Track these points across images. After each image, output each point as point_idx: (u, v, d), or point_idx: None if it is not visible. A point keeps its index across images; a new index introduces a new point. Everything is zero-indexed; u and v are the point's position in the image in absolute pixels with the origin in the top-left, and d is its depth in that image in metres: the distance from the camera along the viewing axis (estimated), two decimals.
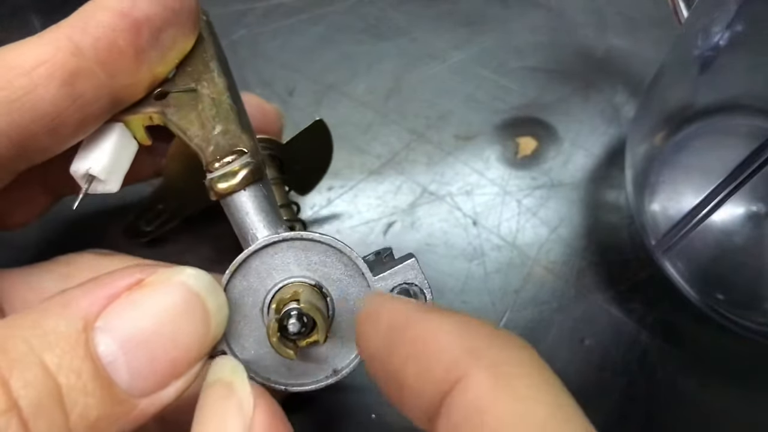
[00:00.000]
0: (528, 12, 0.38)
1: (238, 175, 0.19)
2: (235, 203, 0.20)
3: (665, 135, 0.31)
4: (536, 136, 0.34)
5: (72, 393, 0.15)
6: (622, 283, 0.31)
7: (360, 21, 0.38)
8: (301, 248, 0.20)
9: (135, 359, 0.16)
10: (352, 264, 0.20)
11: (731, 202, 0.26)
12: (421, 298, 0.20)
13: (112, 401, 0.16)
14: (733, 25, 0.25)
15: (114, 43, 0.18)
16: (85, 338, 0.16)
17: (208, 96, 0.21)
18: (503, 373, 0.14)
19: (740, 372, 0.29)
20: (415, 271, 0.20)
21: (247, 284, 0.19)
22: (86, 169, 0.20)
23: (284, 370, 0.20)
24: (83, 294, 0.16)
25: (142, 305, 0.16)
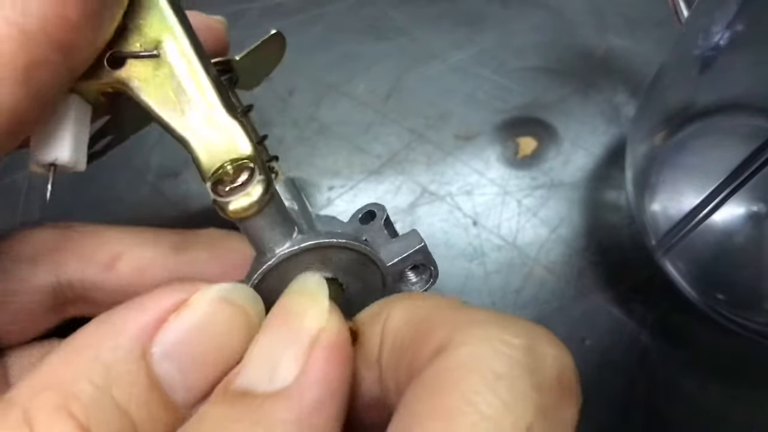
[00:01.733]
0: (528, 12, 0.38)
1: (252, 198, 0.18)
2: (250, 224, 0.19)
3: (665, 135, 0.31)
4: (536, 136, 0.34)
5: (144, 425, 0.15)
6: (623, 283, 0.31)
7: (360, 21, 0.38)
8: (316, 250, 0.20)
9: (191, 378, 0.16)
10: (364, 257, 0.20)
11: (732, 202, 0.26)
12: (426, 272, 0.22)
13: (175, 419, 0.16)
14: (733, 24, 0.25)
15: (64, 17, 0.15)
16: (146, 367, 0.16)
17: (177, 65, 0.18)
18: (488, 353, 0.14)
19: (740, 372, 0.29)
20: (424, 254, 0.21)
21: (267, 287, 0.20)
22: (52, 160, 0.18)
23: None
24: (132, 319, 0.16)
25: (193, 326, 0.17)
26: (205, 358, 0.17)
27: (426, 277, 0.22)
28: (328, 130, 0.35)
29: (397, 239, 0.22)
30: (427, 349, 0.15)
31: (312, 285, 0.18)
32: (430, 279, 0.22)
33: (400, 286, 0.22)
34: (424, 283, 0.22)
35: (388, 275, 0.21)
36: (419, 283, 0.22)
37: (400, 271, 0.21)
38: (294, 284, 0.19)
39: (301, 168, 0.34)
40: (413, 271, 0.22)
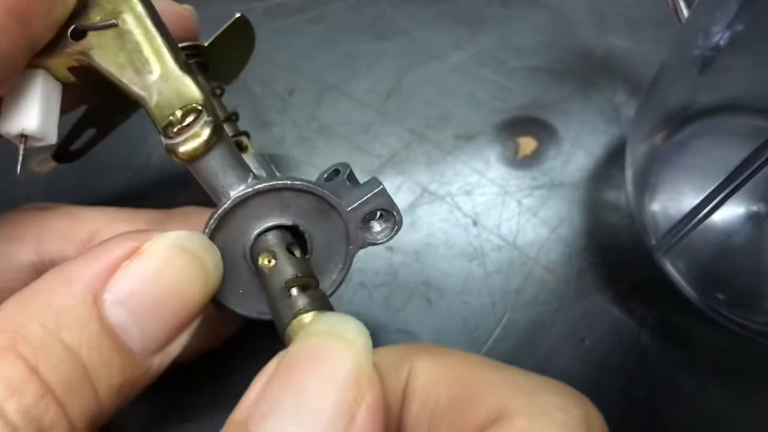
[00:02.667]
0: (528, 12, 0.38)
1: (200, 138, 0.18)
2: (202, 166, 0.19)
3: (665, 135, 0.31)
4: (536, 136, 0.34)
5: (96, 368, 0.16)
6: (623, 283, 0.31)
7: (360, 21, 0.38)
8: (273, 195, 0.20)
9: (146, 324, 0.17)
10: (323, 202, 0.21)
11: (732, 202, 0.26)
12: (390, 219, 0.21)
13: (131, 366, 0.17)
14: (733, 24, 0.25)
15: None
16: (98, 313, 0.16)
17: (134, 32, 0.19)
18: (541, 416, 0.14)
19: (740, 372, 0.29)
20: (384, 197, 0.21)
21: (227, 236, 0.20)
22: (20, 130, 0.19)
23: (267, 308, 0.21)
24: (84, 267, 0.17)
25: (145, 272, 0.17)
26: (159, 306, 0.17)
27: (390, 224, 0.21)
28: (328, 130, 0.35)
29: (358, 187, 0.21)
30: (475, 417, 0.15)
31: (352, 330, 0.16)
32: (395, 226, 0.21)
33: (364, 237, 0.21)
34: (388, 232, 0.21)
35: (349, 222, 0.21)
36: (384, 232, 0.22)
37: (362, 217, 0.21)
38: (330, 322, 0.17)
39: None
40: (377, 219, 0.21)
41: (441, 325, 0.30)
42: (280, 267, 0.20)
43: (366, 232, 0.21)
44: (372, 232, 0.21)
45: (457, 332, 0.30)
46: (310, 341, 0.16)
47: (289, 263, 0.20)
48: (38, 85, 0.19)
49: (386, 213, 0.21)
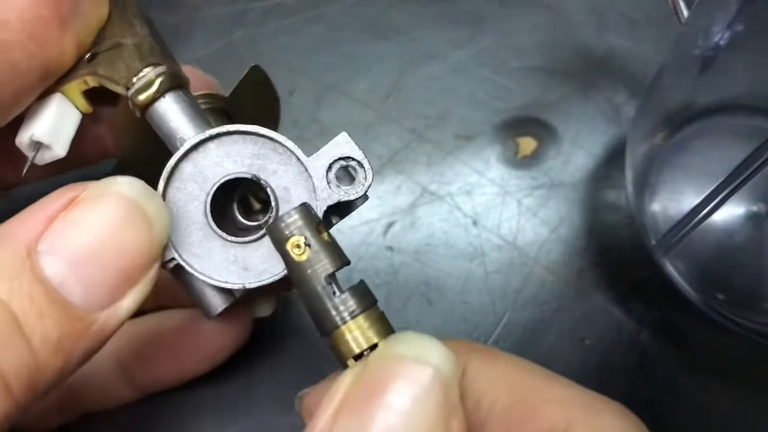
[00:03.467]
0: (528, 11, 0.38)
1: (155, 83, 0.20)
2: (157, 112, 0.20)
3: (665, 135, 0.31)
4: (536, 136, 0.34)
5: (29, 319, 0.15)
6: (623, 283, 0.31)
7: (360, 21, 0.38)
8: (231, 144, 0.20)
9: (85, 275, 0.16)
10: (285, 151, 0.20)
11: (731, 202, 0.26)
12: (360, 172, 0.20)
13: (70, 319, 0.16)
14: (733, 24, 0.25)
15: (38, 15, 0.19)
16: (31, 263, 0.16)
17: (132, 44, 0.21)
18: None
19: (740, 372, 0.29)
20: (349, 144, 0.19)
21: (186, 191, 0.20)
22: (30, 136, 0.20)
23: (239, 270, 0.20)
24: (20, 222, 0.16)
25: (81, 221, 0.16)
26: (97, 256, 0.16)
27: (361, 177, 0.20)
28: (329, 130, 0.35)
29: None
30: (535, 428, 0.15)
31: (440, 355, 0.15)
32: (365, 178, 0.20)
33: (332, 192, 0.20)
34: (360, 185, 0.20)
35: (313, 174, 0.19)
36: (356, 187, 0.20)
37: (326, 167, 0.19)
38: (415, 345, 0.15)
39: None
40: (345, 173, 0.20)
41: (441, 325, 0.30)
42: (317, 257, 0.18)
43: (335, 188, 0.20)
44: (341, 188, 0.20)
45: (457, 332, 0.30)
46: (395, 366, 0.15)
47: (326, 251, 0.18)
48: (53, 105, 0.21)
49: (356, 165, 0.20)
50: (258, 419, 0.28)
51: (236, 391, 0.29)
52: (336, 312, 0.18)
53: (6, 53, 0.18)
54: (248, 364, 0.29)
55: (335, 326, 0.18)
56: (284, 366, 0.29)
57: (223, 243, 0.20)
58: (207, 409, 0.28)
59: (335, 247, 0.18)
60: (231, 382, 0.29)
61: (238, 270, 0.20)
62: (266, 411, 0.29)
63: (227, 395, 0.29)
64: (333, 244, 0.18)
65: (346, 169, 0.20)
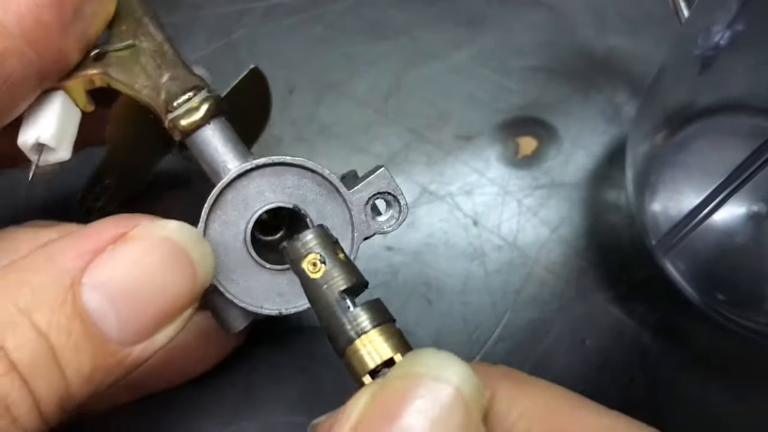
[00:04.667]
0: (528, 12, 0.38)
1: (201, 109, 0.20)
2: (201, 139, 0.20)
3: (666, 135, 0.31)
4: (536, 136, 0.34)
5: (65, 351, 0.16)
6: (623, 283, 0.31)
7: (360, 21, 0.38)
8: (273, 174, 0.20)
9: (124, 312, 0.17)
10: (325, 183, 0.20)
11: (732, 202, 0.26)
12: (395, 206, 0.21)
13: (104, 354, 0.16)
14: (733, 24, 0.25)
15: (39, 20, 0.18)
16: (73, 295, 0.16)
17: (149, 49, 0.21)
18: None
19: (740, 372, 0.29)
20: (387, 179, 0.20)
21: (226, 218, 0.20)
22: (35, 139, 0.20)
23: (275, 297, 0.20)
24: (67, 248, 0.17)
25: (128, 259, 0.17)
26: (139, 296, 0.17)
27: (396, 211, 0.21)
28: (328, 129, 0.35)
29: (363, 176, 0.21)
30: None
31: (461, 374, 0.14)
32: (401, 213, 0.21)
33: (369, 224, 0.20)
34: (395, 220, 0.21)
35: (353, 207, 0.20)
36: (390, 220, 0.21)
37: (365, 201, 0.20)
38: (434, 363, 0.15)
39: None
40: (381, 204, 0.21)
41: (441, 325, 0.30)
42: (331, 274, 0.18)
43: (371, 220, 0.21)
44: (377, 220, 0.21)
45: (457, 332, 0.30)
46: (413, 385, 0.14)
47: (341, 268, 0.18)
48: (57, 103, 0.20)
49: (391, 199, 0.21)
50: (258, 419, 0.28)
51: (236, 391, 0.29)
52: (351, 326, 0.18)
53: (4, 62, 0.18)
54: (248, 364, 0.29)
55: (350, 341, 0.17)
56: (284, 366, 0.29)
57: (260, 270, 0.20)
58: (207, 409, 0.28)
59: (351, 266, 0.19)
60: (231, 382, 0.29)
61: (273, 296, 0.20)
62: (266, 411, 0.28)
63: (227, 395, 0.29)
64: (349, 264, 0.19)
65: (384, 203, 0.21)
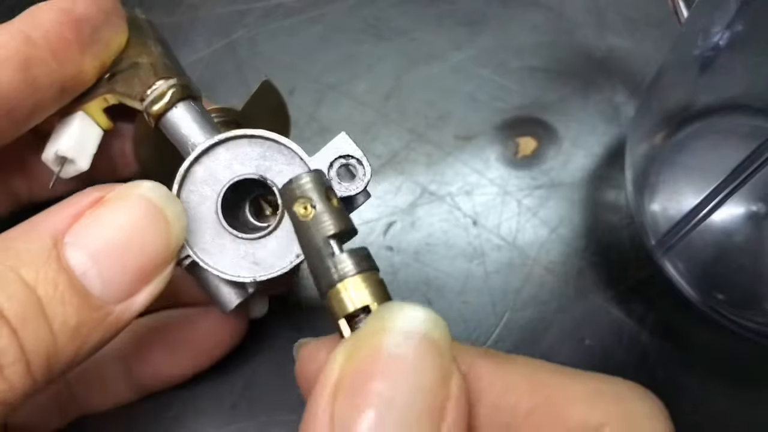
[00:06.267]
0: (528, 12, 0.38)
1: (167, 94, 0.22)
2: (170, 121, 0.22)
3: (665, 135, 0.31)
4: (536, 136, 0.34)
5: (51, 303, 0.16)
6: (622, 283, 0.31)
7: (360, 21, 0.38)
8: (239, 147, 0.21)
9: (106, 268, 0.17)
10: (289, 152, 0.21)
11: (731, 202, 0.26)
12: (360, 169, 0.21)
13: (89, 308, 0.17)
14: (733, 24, 0.25)
15: (61, 35, 0.21)
16: (57, 253, 0.17)
17: (147, 63, 0.23)
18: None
19: (740, 372, 0.29)
20: (348, 143, 0.21)
21: (199, 192, 0.21)
22: (55, 151, 0.22)
23: (249, 265, 0.21)
24: (48, 216, 0.18)
25: (107, 219, 0.18)
26: (119, 252, 0.17)
27: (360, 173, 0.21)
28: (328, 130, 0.35)
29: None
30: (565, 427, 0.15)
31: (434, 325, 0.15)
32: (365, 174, 0.21)
33: (334, 188, 0.21)
34: (360, 182, 0.21)
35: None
36: (355, 183, 0.21)
37: (327, 165, 0.21)
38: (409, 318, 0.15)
39: None
40: (345, 170, 0.21)
41: None
42: (320, 217, 0.19)
43: (336, 184, 0.21)
44: (342, 184, 0.21)
45: (457, 332, 0.30)
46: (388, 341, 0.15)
47: (330, 213, 0.19)
48: (76, 122, 0.23)
49: (355, 163, 0.21)
50: (258, 419, 0.28)
51: (236, 391, 0.29)
52: (335, 270, 0.18)
53: (29, 68, 0.20)
54: (248, 364, 0.29)
55: (332, 284, 0.18)
56: (284, 366, 0.29)
57: (234, 240, 0.21)
58: (207, 409, 0.28)
59: (342, 213, 0.19)
60: (231, 382, 0.29)
61: (248, 264, 0.21)
62: (266, 411, 0.29)
63: (227, 395, 0.29)
64: (340, 210, 0.19)
65: (347, 167, 0.21)
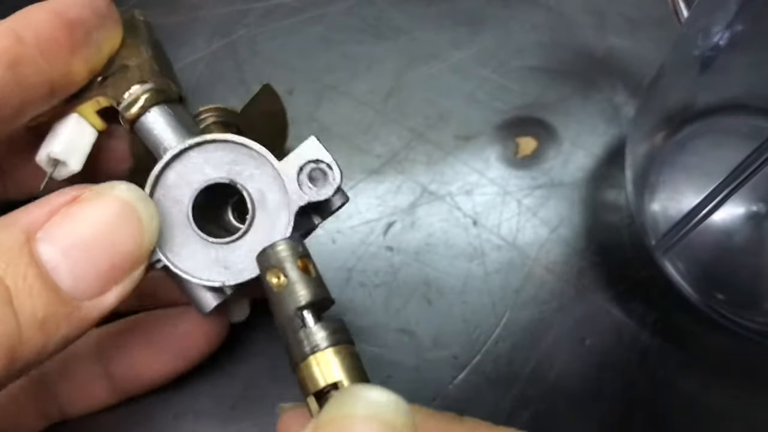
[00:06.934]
0: (528, 12, 0.38)
1: (140, 99, 0.22)
2: (144, 126, 0.22)
3: (665, 135, 0.31)
4: (536, 136, 0.34)
5: (20, 295, 0.17)
6: (622, 283, 0.31)
7: (360, 21, 0.38)
8: (210, 151, 0.21)
9: (76, 264, 0.17)
10: (259, 156, 0.21)
11: (731, 202, 0.26)
12: (330, 174, 0.21)
13: (57, 302, 0.17)
14: (733, 24, 0.25)
15: (52, 36, 0.21)
16: (29, 248, 0.17)
17: (135, 66, 0.23)
18: None
19: (740, 372, 0.29)
20: (316, 147, 0.21)
21: (170, 196, 0.21)
22: (47, 153, 0.23)
23: (220, 269, 0.21)
24: (24, 212, 0.18)
25: (80, 216, 0.18)
26: (90, 249, 0.18)
27: (330, 178, 0.21)
28: (328, 130, 0.35)
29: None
30: None
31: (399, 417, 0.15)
32: (334, 179, 0.21)
33: (302, 194, 0.21)
34: (330, 188, 0.21)
35: (285, 177, 0.21)
36: (325, 188, 0.21)
37: (296, 170, 0.21)
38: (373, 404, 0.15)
39: None
40: (316, 175, 0.21)
41: (441, 325, 0.30)
42: (293, 287, 0.19)
43: (306, 189, 0.21)
44: (312, 189, 0.21)
45: (457, 332, 0.30)
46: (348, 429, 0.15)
47: (303, 283, 0.19)
48: (68, 124, 0.23)
49: (325, 167, 0.21)
50: (258, 420, 0.28)
51: (236, 391, 0.29)
52: (306, 342, 0.18)
53: (17, 66, 0.20)
54: (248, 364, 0.29)
55: (303, 356, 0.18)
56: (283, 367, 0.29)
57: (206, 245, 0.21)
58: (207, 410, 0.28)
59: (316, 282, 0.19)
60: (230, 382, 0.29)
61: (219, 269, 0.21)
62: (265, 411, 0.28)
63: (226, 395, 0.29)
64: (314, 279, 0.19)
65: (319, 171, 0.21)
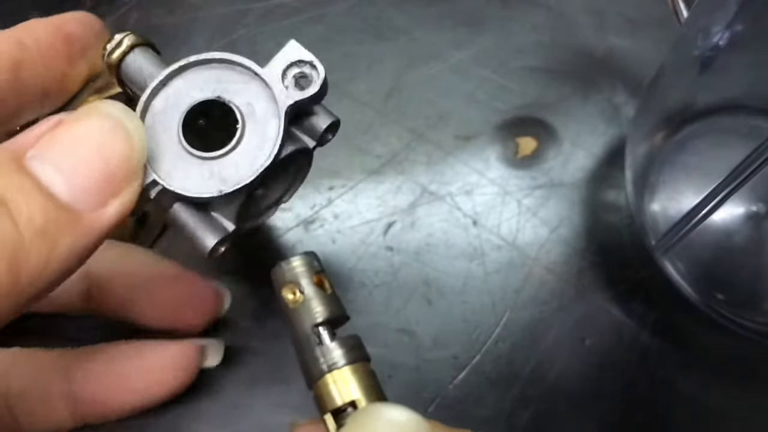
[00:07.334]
0: (528, 12, 0.38)
1: (123, 42, 0.22)
2: (129, 66, 0.22)
3: (665, 135, 0.31)
4: (536, 136, 0.34)
5: (17, 203, 0.16)
6: (622, 283, 0.31)
7: (360, 21, 0.38)
8: (194, 74, 0.21)
9: (71, 178, 0.17)
10: (244, 69, 0.21)
11: (731, 202, 0.26)
12: (314, 73, 0.21)
13: (56, 208, 0.17)
14: (733, 24, 0.25)
15: (52, 46, 0.22)
16: (21, 164, 0.17)
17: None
18: None
19: (740, 372, 0.29)
20: (297, 48, 0.21)
21: (160, 123, 0.21)
22: None
23: (218, 182, 0.21)
24: (9, 141, 0.18)
25: (68, 134, 0.18)
26: (82, 159, 0.18)
27: (314, 76, 0.21)
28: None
29: None
30: None
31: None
32: (318, 76, 0.21)
33: (289, 94, 0.21)
34: (314, 83, 0.21)
35: (270, 81, 0.21)
36: (311, 86, 0.21)
37: (280, 73, 0.21)
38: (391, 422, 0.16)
39: None
40: (299, 74, 0.21)
41: (441, 325, 0.30)
42: (309, 303, 0.19)
43: (292, 91, 0.21)
44: (298, 91, 0.21)
45: (457, 332, 0.30)
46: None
47: (320, 299, 0.19)
48: None
49: (308, 67, 0.21)
50: (258, 419, 0.28)
51: (236, 391, 0.29)
52: (323, 360, 0.18)
53: (18, 70, 0.21)
54: (248, 364, 0.29)
55: (320, 374, 0.18)
56: (285, 367, 0.29)
57: (199, 162, 0.21)
58: (207, 410, 0.28)
59: (331, 299, 0.19)
60: (231, 383, 0.29)
61: (215, 183, 0.21)
62: (266, 411, 0.29)
63: (227, 395, 0.29)
64: (329, 296, 0.19)
65: (303, 71, 0.21)
